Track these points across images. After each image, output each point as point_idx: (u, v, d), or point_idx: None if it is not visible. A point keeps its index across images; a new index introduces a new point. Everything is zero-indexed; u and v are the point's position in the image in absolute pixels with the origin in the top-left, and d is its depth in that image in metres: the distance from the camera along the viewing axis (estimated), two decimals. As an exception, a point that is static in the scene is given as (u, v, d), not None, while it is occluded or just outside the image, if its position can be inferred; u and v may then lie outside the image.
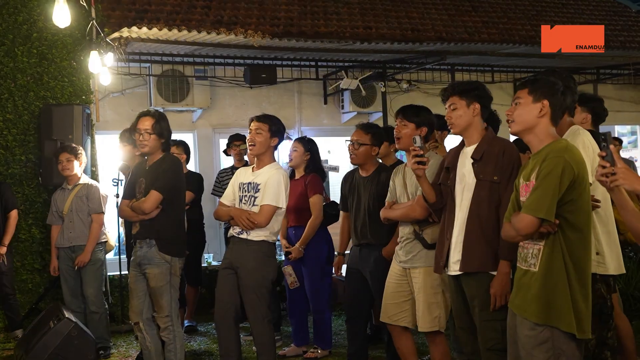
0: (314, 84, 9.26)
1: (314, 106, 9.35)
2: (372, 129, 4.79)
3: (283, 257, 5.87)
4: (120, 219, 6.06)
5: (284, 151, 8.43)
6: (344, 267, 5.22)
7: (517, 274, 3.08)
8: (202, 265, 7.85)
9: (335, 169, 8.57)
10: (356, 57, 8.61)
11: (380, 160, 5.01)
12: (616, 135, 11.42)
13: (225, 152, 7.18)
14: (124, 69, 7.97)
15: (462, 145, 3.74)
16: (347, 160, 4.94)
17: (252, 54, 8.13)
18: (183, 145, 6.57)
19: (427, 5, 9.29)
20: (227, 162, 8.05)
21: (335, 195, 6.85)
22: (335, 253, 5.42)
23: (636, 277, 6.15)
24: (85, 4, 6.04)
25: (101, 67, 6.43)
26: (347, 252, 5.12)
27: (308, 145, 5.73)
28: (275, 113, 8.49)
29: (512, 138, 4.24)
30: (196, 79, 8.31)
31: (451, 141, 4.80)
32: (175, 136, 7.01)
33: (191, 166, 8.37)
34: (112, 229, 6.34)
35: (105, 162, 7.54)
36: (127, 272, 4.91)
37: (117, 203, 6.16)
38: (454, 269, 3.60)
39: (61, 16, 4.11)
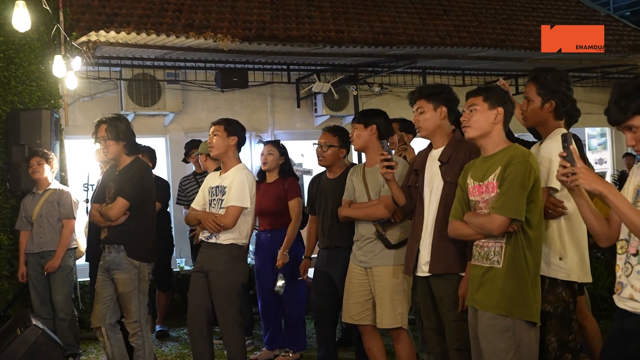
0: (286, 88, 9.26)
1: (286, 110, 9.35)
2: (339, 131, 4.83)
3: (253, 261, 5.85)
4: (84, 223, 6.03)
5: (257, 155, 8.43)
6: (311, 270, 5.22)
7: (478, 272, 3.18)
8: (175, 270, 7.82)
9: (308, 172, 8.58)
10: (328, 61, 8.63)
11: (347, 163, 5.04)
12: (585, 138, 11.59)
13: (184, 160, 7.16)
14: (93, 73, 7.91)
15: (430, 148, 3.78)
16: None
17: (224, 57, 8.11)
18: (148, 152, 6.49)
19: (398, 9, 9.35)
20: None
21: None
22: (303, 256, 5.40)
23: (603, 278, 6.24)
24: (48, 8, 5.96)
25: (67, 71, 6.36)
26: (314, 255, 5.12)
27: (282, 150, 5.73)
28: (248, 117, 8.66)
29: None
30: (168, 83, 8.27)
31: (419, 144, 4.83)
32: (147, 140, 7.02)
33: (163, 171, 8.34)
34: (82, 234, 6.27)
35: (76, 167, 7.46)
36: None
37: (87, 208, 6.11)
38: (423, 270, 3.64)
39: (21, 20, 4.06)
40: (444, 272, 3.55)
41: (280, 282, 5.45)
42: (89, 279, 6.45)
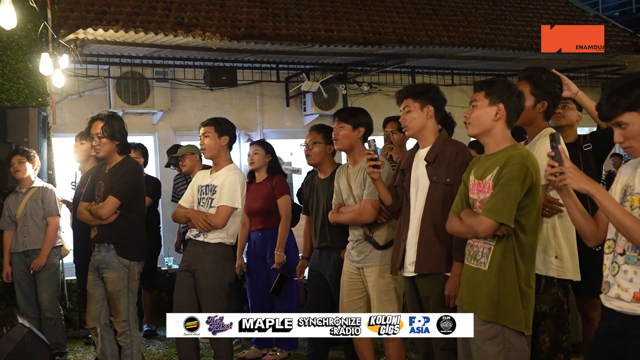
0: (275, 86, 9.25)
1: (276, 108, 9.34)
2: (324, 128, 4.82)
3: (245, 260, 5.83)
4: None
5: (244, 155, 8.39)
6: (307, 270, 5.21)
7: (467, 273, 3.14)
8: (163, 268, 7.80)
9: (297, 171, 8.58)
10: (317, 60, 8.63)
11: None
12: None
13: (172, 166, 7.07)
14: (81, 71, 7.86)
15: (416, 147, 3.77)
16: (308, 162, 4.95)
17: (213, 56, 8.10)
18: (141, 149, 6.49)
19: (388, 8, 9.35)
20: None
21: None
22: (300, 256, 5.39)
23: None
24: (35, 5, 5.91)
25: (54, 69, 6.32)
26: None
27: (268, 148, 5.72)
28: (237, 115, 8.64)
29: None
30: (156, 81, 8.23)
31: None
32: (135, 139, 6.99)
33: (151, 169, 8.30)
34: (68, 232, 6.23)
35: (63, 166, 7.42)
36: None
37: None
38: (409, 270, 3.63)
39: (7, 17, 4.02)
40: (430, 272, 3.54)
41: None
42: (75, 277, 6.44)
